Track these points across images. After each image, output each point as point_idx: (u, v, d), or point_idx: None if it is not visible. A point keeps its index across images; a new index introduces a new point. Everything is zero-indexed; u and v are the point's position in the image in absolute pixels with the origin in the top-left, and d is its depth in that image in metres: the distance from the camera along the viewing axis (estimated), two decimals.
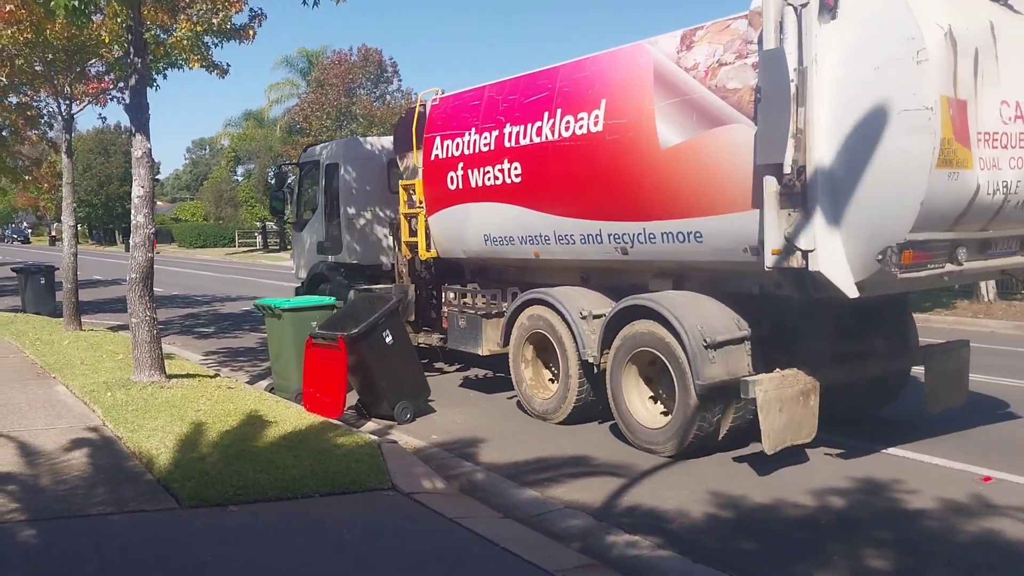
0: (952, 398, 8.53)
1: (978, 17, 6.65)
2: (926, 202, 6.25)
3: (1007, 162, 6.77)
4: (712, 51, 7.50)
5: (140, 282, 10.06)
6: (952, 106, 6.29)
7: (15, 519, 5.57)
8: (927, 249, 6.61)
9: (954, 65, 6.32)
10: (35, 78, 15.38)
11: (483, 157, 9.86)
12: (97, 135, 67.21)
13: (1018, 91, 6.81)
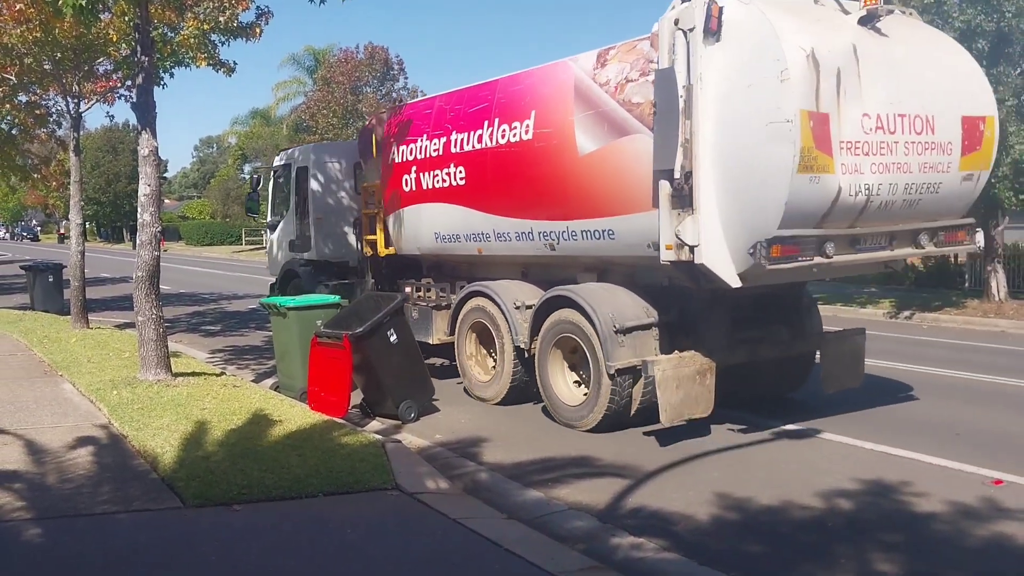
0: (847, 380, 9.45)
1: (842, 41, 7.52)
2: (790, 203, 7.09)
3: (869, 167, 7.56)
4: (621, 69, 8.45)
5: (146, 280, 10.07)
6: (813, 119, 7.11)
7: (21, 517, 5.59)
8: (795, 244, 7.39)
9: (816, 83, 7.17)
10: (44, 77, 15.39)
11: (433, 162, 10.83)
12: (105, 133, 67.40)
13: (879, 105, 7.61)
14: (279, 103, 52.85)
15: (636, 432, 8.65)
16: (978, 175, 8.46)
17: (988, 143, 8.43)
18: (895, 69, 7.82)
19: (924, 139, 7.93)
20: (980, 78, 8.62)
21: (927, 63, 8.17)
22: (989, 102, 8.53)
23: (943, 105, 8.08)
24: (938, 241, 8.45)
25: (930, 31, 9.19)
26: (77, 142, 16.10)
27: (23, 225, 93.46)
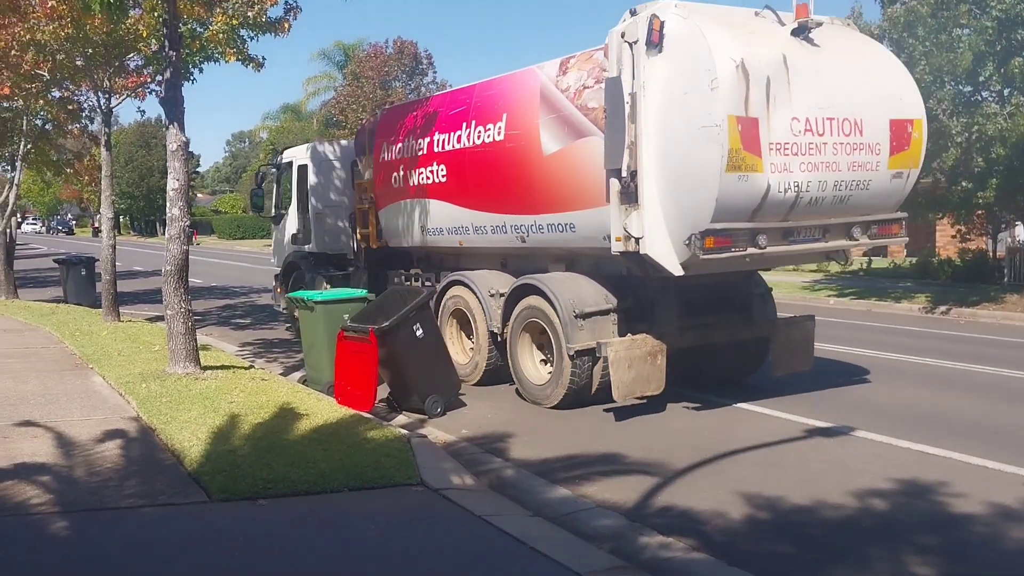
0: (798, 364, 10.18)
1: (772, 51, 8.16)
2: (720, 199, 7.78)
3: (798, 166, 8.19)
4: (579, 76, 9.20)
5: (175, 274, 10.12)
6: (741, 123, 7.74)
7: (48, 511, 5.60)
8: (728, 236, 8.07)
9: (746, 91, 7.79)
10: (75, 73, 15.55)
11: (419, 160, 11.63)
12: (138, 128, 68.19)
13: (808, 109, 8.24)
14: (309, 98, 53.20)
15: (665, 430, 8.57)
16: (907, 173, 9.08)
17: (916, 144, 9.02)
18: (825, 76, 8.48)
19: (852, 140, 8.54)
20: (909, 83, 9.26)
21: (857, 70, 8.82)
22: (917, 105, 9.17)
23: (871, 109, 8.70)
24: (872, 234, 9.14)
25: (863, 40, 9.78)
26: (108, 137, 16.24)
27: (58, 219, 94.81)
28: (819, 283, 24.83)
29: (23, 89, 15.68)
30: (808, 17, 8.52)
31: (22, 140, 20.02)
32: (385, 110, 13.32)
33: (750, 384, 10.64)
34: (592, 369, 9.15)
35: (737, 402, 9.63)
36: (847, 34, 9.43)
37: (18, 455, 6.73)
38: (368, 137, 13.19)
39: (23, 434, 7.38)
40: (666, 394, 9.20)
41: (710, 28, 7.97)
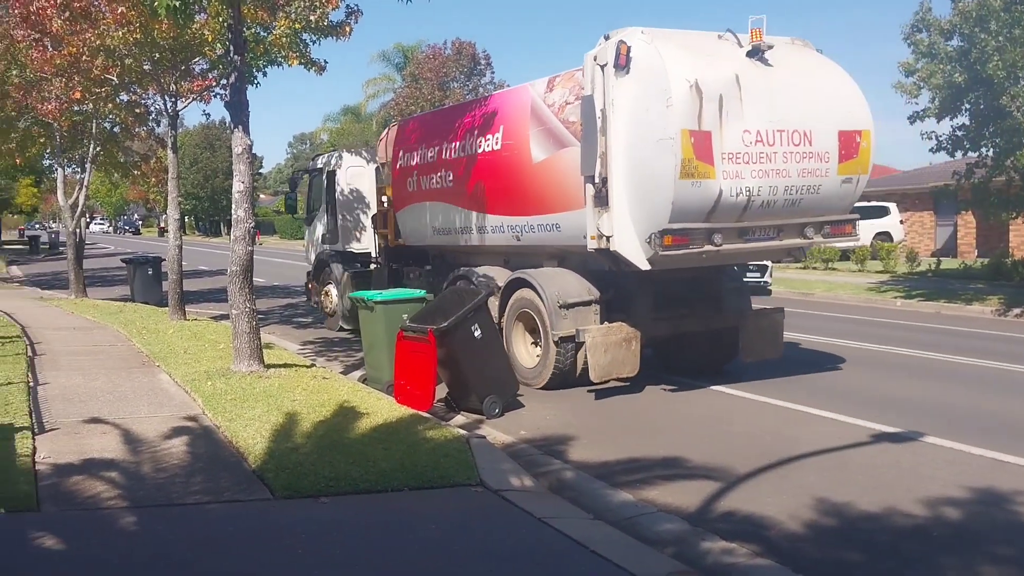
0: (767, 352, 11.05)
1: (726, 71, 9.18)
2: (676, 202, 8.84)
3: (749, 173, 9.20)
4: (563, 93, 10.34)
5: (240, 274, 10.28)
6: (694, 136, 8.80)
7: (117, 506, 5.71)
8: (685, 235, 9.08)
9: (699, 107, 8.86)
10: (143, 77, 15.91)
11: (430, 166, 12.89)
12: (203, 130, 69.62)
13: (759, 122, 9.25)
14: (369, 100, 53.74)
15: (727, 433, 8.44)
16: (857, 179, 10.03)
17: (864, 152, 9.95)
18: (776, 92, 9.47)
19: (802, 150, 9.54)
20: (858, 98, 10.14)
21: (808, 86, 9.81)
22: (865, 117, 10.05)
23: (821, 121, 9.69)
24: (825, 233, 10.13)
25: (818, 58, 10.47)
26: (175, 139, 16.57)
27: (125, 219, 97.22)
28: (885, 284, 24.30)
29: (93, 93, 16.06)
30: (761, 40, 9.52)
31: (92, 143, 20.55)
32: (402, 121, 14.77)
33: (812, 386, 10.45)
34: (576, 354, 10.18)
35: (803, 405, 9.46)
36: (802, 53, 10.37)
37: (88, 451, 6.89)
38: (387, 145, 14.36)
39: (92, 430, 7.55)
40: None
41: (669, 52, 9.05)
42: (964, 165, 21.79)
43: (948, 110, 20.17)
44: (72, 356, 11.68)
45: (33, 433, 7.21)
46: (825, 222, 10.04)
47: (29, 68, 16.92)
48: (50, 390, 9.19)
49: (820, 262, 29.70)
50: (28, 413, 7.85)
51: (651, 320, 10.36)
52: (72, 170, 25.34)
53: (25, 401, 8.30)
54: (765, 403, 9.69)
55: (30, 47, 16.09)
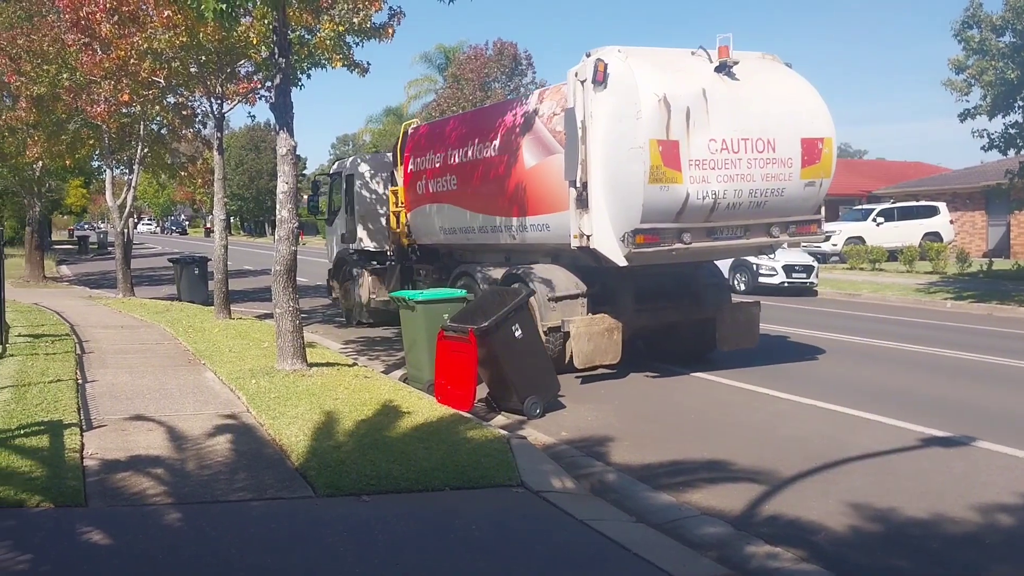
0: (743, 341, 12.00)
1: (693, 86, 10.10)
2: (646, 205, 9.80)
3: (715, 178, 10.12)
4: (551, 105, 11.41)
5: (284, 274, 10.37)
6: (662, 145, 9.73)
7: (162, 502, 5.79)
8: (655, 234, 10.03)
9: (667, 118, 9.79)
10: (190, 79, 16.12)
11: (437, 171, 13.84)
12: (248, 132, 70.49)
13: (725, 132, 10.15)
14: (411, 101, 53.99)
15: (773, 437, 8.34)
16: (819, 182, 10.89)
17: (827, 158, 10.85)
18: (741, 104, 10.35)
19: (766, 156, 10.41)
20: (820, 107, 10.98)
21: (772, 97, 10.68)
22: (827, 125, 10.91)
23: (784, 129, 10.54)
24: (791, 232, 11.01)
25: (784, 72, 11.31)
26: (220, 141, 16.77)
27: (172, 219, 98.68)
28: (935, 285, 23.85)
29: (141, 96, 16.31)
30: (727, 57, 10.39)
31: (139, 144, 20.89)
32: (413, 128, 15.50)
33: (861, 389, 10.27)
34: (563, 343, 10.98)
35: (852, 408, 9.31)
36: (769, 67, 11.25)
37: (134, 447, 6.99)
38: (399, 151, 15.26)
39: (139, 427, 7.66)
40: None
41: (641, 68, 10.03)
42: (1017, 163, 21.32)
43: (1000, 107, 19.75)
44: (120, 354, 11.87)
45: (81, 430, 7.33)
46: (791, 222, 10.94)
47: (79, 71, 17.24)
48: (98, 387, 9.35)
49: (867, 263, 29.23)
50: (77, 410, 7.99)
51: (633, 312, 11.29)
52: (120, 171, 25.77)
53: (74, 398, 8.45)
54: (813, 406, 9.54)
55: (80, 51, 16.37)
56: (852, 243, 31.33)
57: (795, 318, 17.78)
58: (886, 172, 47.71)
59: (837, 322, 17.26)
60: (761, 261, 23.30)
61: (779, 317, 17.91)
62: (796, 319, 17.62)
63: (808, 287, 23.51)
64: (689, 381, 11.04)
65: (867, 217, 33.47)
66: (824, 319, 17.80)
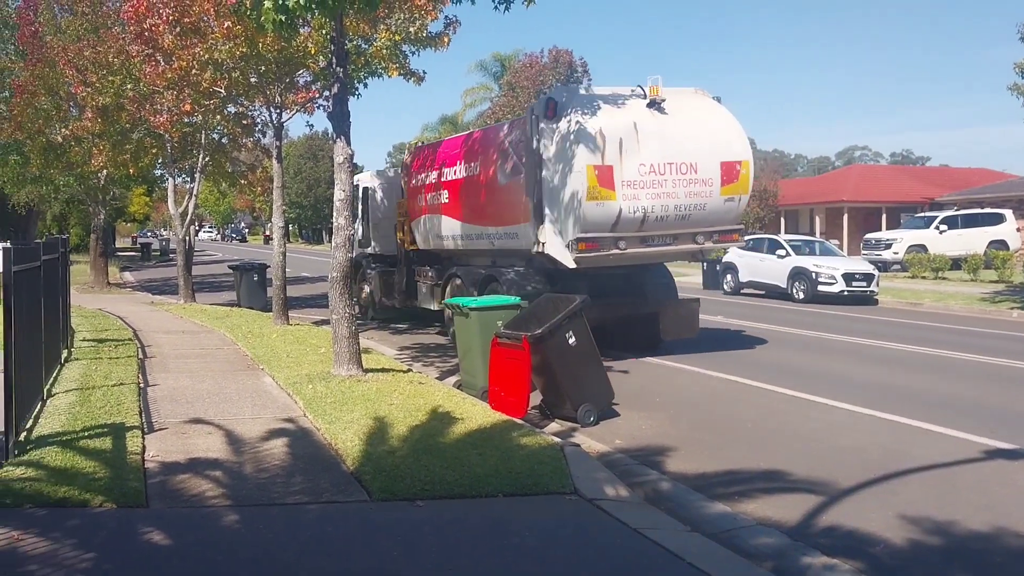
0: (683, 332, 13.75)
1: (626, 120, 12.31)
2: (584, 218, 12.04)
3: (644, 196, 12.31)
4: (517, 134, 13.25)
5: (340, 281, 10.50)
6: (598, 169, 11.97)
7: (221, 504, 5.89)
8: (595, 242, 12.19)
9: (603, 148, 11.97)
10: (250, 89, 16.40)
11: (433, 186, 15.87)
12: (306, 141, 71.50)
13: (653, 157, 12.31)
14: (466, 109, 54.25)
15: (831, 447, 8.21)
16: (738, 198, 13.00)
17: (744, 177, 12.89)
18: (668, 134, 12.46)
19: (689, 177, 12.54)
20: (740, 135, 13.17)
21: (697, 127, 12.79)
22: (744, 150, 13.05)
23: (706, 154, 12.62)
24: (714, 240, 13.20)
25: (710, 104, 13.46)
26: (280, 150, 17.04)
27: (232, 227, 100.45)
28: (1000, 294, 23.24)
29: (202, 106, 16.64)
30: (656, 95, 12.63)
31: (201, 153, 21.31)
32: (417, 147, 17.70)
33: (924, 400, 10.05)
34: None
35: (914, 419, 9.12)
36: (696, 100, 13.44)
37: (194, 450, 7.12)
38: (406, 167, 17.55)
39: (198, 431, 7.81)
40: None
41: (582, 106, 12.29)
42: None
43: None
44: (180, 359, 12.12)
45: (143, 432, 7.50)
46: (714, 231, 13.05)
47: (142, 82, 17.66)
48: (159, 391, 9.56)
49: (929, 271, 28.60)
50: (138, 413, 8.19)
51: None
52: (182, 180, 26.31)
53: (136, 401, 8.65)
54: (871, 416, 9.37)
55: (143, 62, 16.78)
56: (914, 251, 30.71)
57: (854, 327, 17.47)
58: (949, 178, 46.69)
59: (898, 331, 16.91)
60: (820, 269, 22.98)
61: (837, 326, 17.63)
62: (855, 328, 17.31)
63: (868, 296, 23.09)
64: (745, 390, 10.91)
65: (929, 225, 32.75)
66: (884, 328, 17.46)
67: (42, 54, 22.11)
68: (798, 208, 43.37)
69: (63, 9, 24.18)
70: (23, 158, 25.64)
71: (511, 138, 13.38)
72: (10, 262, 6.74)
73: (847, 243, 37.47)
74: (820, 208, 42.50)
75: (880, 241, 33.17)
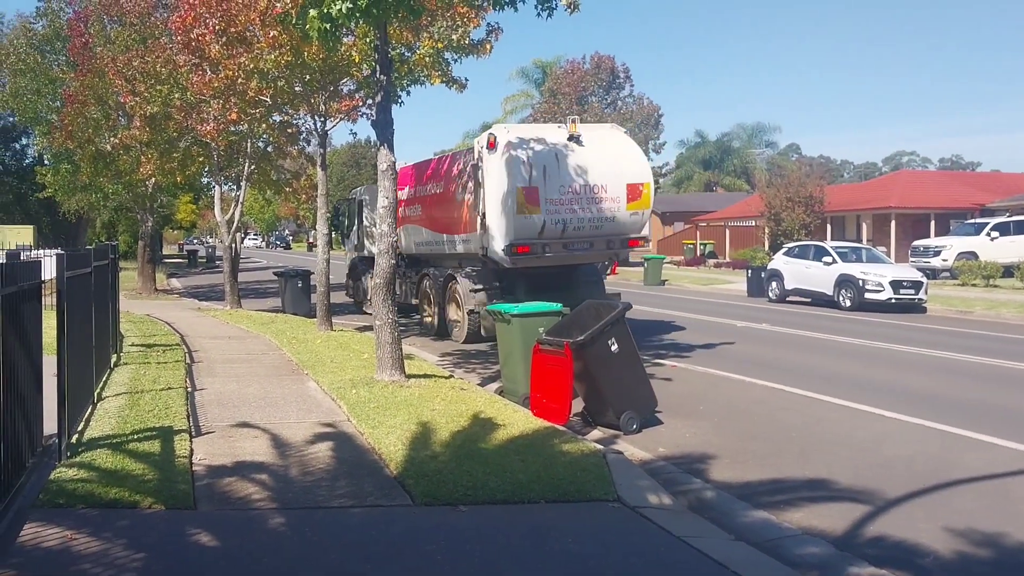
0: None
1: (549, 149, 15.28)
2: (515, 228, 14.81)
3: (564, 211, 15.18)
4: (469, 159, 15.95)
5: (383, 287, 10.57)
6: (525, 191, 14.77)
7: (267, 507, 5.96)
8: (526, 246, 14.99)
9: (529, 173, 14.87)
10: (294, 98, 16.60)
11: (410, 201, 18.70)
12: (349, 149, 72.18)
13: (571, 180, 15.20)
14: (507, 116, 54.30)
15: (878, 457, 8.09)
16: (642, 212, 15.91)
17: (646, 196, 15.86)
18: (584, 161, 15.36)
19: (600, 195, 15.47)
20: (642, 162, 16.48)
21: (608, 156, 15.79)
22: (646, 174, 16.20)
23: (614, 178, 15.59)
24: (624, 245, 16.11)
25: (621, 137, 16.87)
26: (324, 158, 17.23)
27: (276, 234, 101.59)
28: None
29: (248, 114, 16.89)
30: (575, 131, 15.61)
31: (246, 161, 21.62)
32: (403, 167, 19.18)
33: (974, 410, 9.85)
34: (480, 321, 15.94)
35: (964, 429, 8.94)
36: (610, 133, 17.02)
37: (240, 453, 7.22)
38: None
39: (245, 434, 7.91)
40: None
41: (513, 140, 15.15)
42: None
43: None
44: (227, 364, 12.29)
45: (190, 436, 7.62)
46: (623, 239, 15.99)
47: (189, 91, 17.97)
48: (206, 395, 9.70)
49: (980, 279, 28.05)
50: (186, 417, 8.31)
51: (525, 300, 14.38)
52: (228, 187, 26.71)
53: (184, 405, 8.79)
54: (919, 425, 9.22)
55: (190, 71, 17.08)
56: (963, 258, 30.13)
57: (902, 336, 17.19)
58: (1001, 184, 45.71)
59: (947, 340, 16.61)
60: (867, 277, 22.65)
61: (884, 335, 17.36)
62: (903, 337, 17.04)
63: (917, 304, 22.71)
64: (790, 398, 10.79)
65: (980, 231, 32.09)
66: (933, 337, 17.15)
67: (92, 65, 22.59)
68: (844, 215, 42.80)
69: (113, 20, 24.71)
70: (74, 166, 26.23)
71: (467, 161, 16.11)
72: (63, 268, 6.89)
73: (894, 250, 36.85)
74: (867, 214, 41.92)
75: (929, 248, 32.61)
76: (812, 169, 44.53)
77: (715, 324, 19.56)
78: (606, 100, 43.69)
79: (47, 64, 27.59)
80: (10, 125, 44.16)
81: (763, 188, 42.19)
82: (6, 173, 46.26)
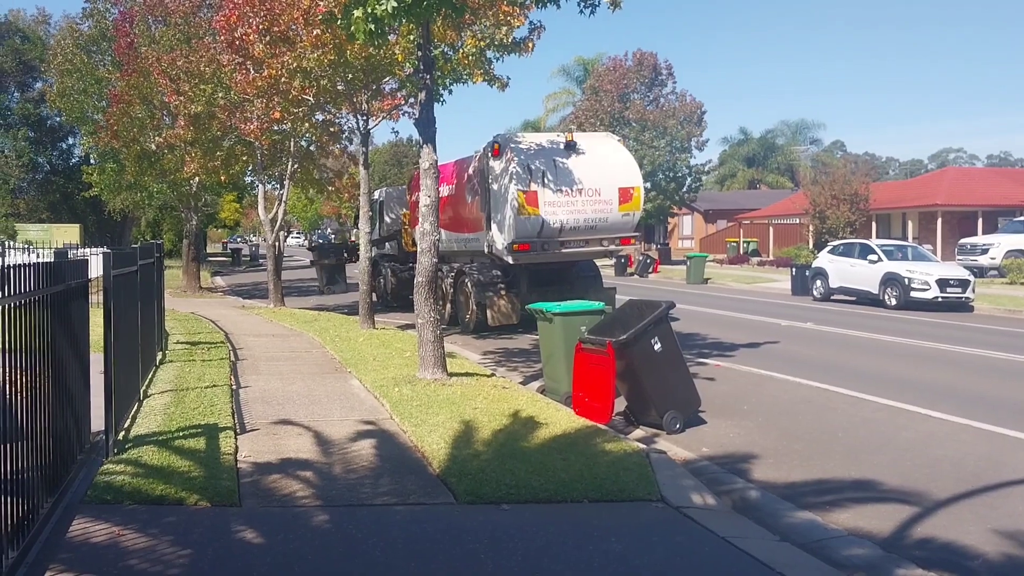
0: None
1: (547, 158, 16.82)
2: (517, 228, 16.34)
3: (561, 211, 16.62)
4: (476, 165, 17.47)
5: (426, 285, 10.61)
6: (526, 194, 16.29)
7: (311, 504, 6.01)
8: (527, 243, 16.47)
9: (529, 179, 16.35)
10: (337, 97, 16.73)
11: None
12: (391, 148, 72.56)
13: (567, 185, 16.61)
14: (549, 114, 54.36)
15: (925, 457, 7.94)
16: (632, 214, 17.38)
17: (636, 199, 17.31)
18: (580, 168, 16.77)
19: (594, 199, 16.85)
20: (633, 167, 17.93)
21: (602, 162, 17.25)
22: (636, 178, 17.62)
23: (607, 182, 16.99)
24: (616, 243, 17.51)
25: (614, 144, 18.47)
26: (366, 157, 17.35)
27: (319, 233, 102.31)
28: None
29: (291, 113, 17.04)
30: (572, 140, 17.05)
31: (289, 160, 21.85)
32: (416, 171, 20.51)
33: (1020, 408, 9.65)
34: (485, 312, 17.15)
35: (1014, 430, 8.76)
36: (604, 141, 18.68)
37: (284, 451, 7.29)
38: (409, 185, 22.41)
39: (289, 431, 7.99)
40: None
41: (516, 148, 16.60)
42: None
43: None
44: (271, 361, 12.42)
45: (235, 433, 7.72)
46: (615, 237, 17.41)
47: (233, 90, 18.19)
48: (251, 393, 9.81)
49: None
50: (231, 414, 8.42)
51: (527, 293, 17.25)
52: (271, 186, 26.99)
53: (228, 403, 8.90)
54: (966, 425, 9.05)
55: (234, 71, 17.27)
56: (1012, 256, 29.52)
57: (949, 335, 16.89)
58: None
59: (995, 339, 16.28)
60: (913, 275, 22.29)
61: (931, 334, 17.07)
62: (950, 336, 16.74)
63: (964, 302, 22.30)
64: (835, 398, 10.65)
65: None
66: (981, 336, 16.83)
67: (137, 64, 22.95)
68: (890, 212, 42.10)
69: (157, 20, 25.10)
70: (119, 166, 26.69)
71: (473, 166, 17.68)
72: (109, 267, 7.01)
73: (941, 248, 36.18)
74: (912, 212, 41.20)
75: (976, 246, 31.99)
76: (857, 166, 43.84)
77: (758, 323, 19.37)
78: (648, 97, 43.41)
79: (93, 64, 28.08)
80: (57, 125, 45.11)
81: (807, 185, 41.64)
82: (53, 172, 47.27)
